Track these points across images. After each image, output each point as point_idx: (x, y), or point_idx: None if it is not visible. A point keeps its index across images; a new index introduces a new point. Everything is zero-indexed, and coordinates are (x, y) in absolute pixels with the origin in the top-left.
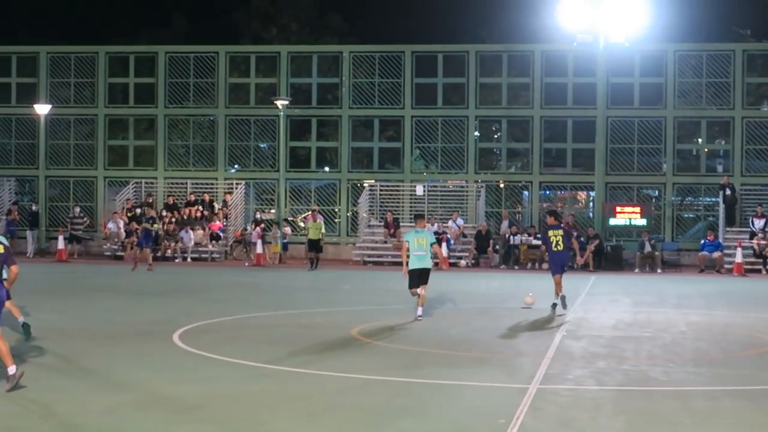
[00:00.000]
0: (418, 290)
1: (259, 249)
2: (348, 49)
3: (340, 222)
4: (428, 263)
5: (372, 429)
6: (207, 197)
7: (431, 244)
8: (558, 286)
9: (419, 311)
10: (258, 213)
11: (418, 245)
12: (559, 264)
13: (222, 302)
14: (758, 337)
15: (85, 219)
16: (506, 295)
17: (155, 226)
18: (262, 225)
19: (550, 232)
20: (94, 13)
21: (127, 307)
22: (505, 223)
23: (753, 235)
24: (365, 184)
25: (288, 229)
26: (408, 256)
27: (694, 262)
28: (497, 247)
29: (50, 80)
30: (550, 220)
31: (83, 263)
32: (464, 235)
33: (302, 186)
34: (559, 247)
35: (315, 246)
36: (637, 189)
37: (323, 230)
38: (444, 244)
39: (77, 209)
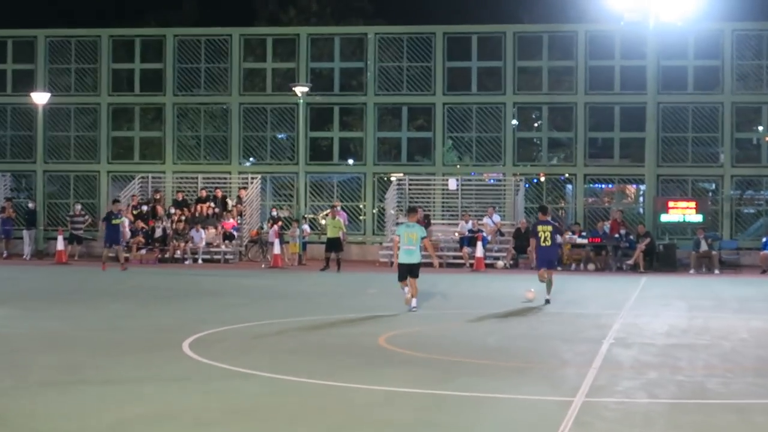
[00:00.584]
0: (407, 285)
1: (276, 249)
2: (373, 30)
3: (365, 220)
4: (417, 258)
5: None
6: (219, 193)
7: (421, 239)
8: (543, 278)
9: (414, 303)
10: (275, 210)
11: (408, 239)
12: (546, 259)
13: (236, 307)
14: None
15: (87, 217)
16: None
17: (117, 221)
18: (280, 223)
19: (540, 228)
20: None
21: (134, 314)
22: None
23: None
24: (393, 178)
25: (307, 228)
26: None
27: (755, 262)
28: None
29: (49, 66)
30: (540, 216)
31: (85, 265)
32: (501, 234)
33: (323, 180)
34: (547, 242)
35: (333, 245)
36: (692, 182)
37: (344, 228)
38: (479, 244)
39: (78, 207)
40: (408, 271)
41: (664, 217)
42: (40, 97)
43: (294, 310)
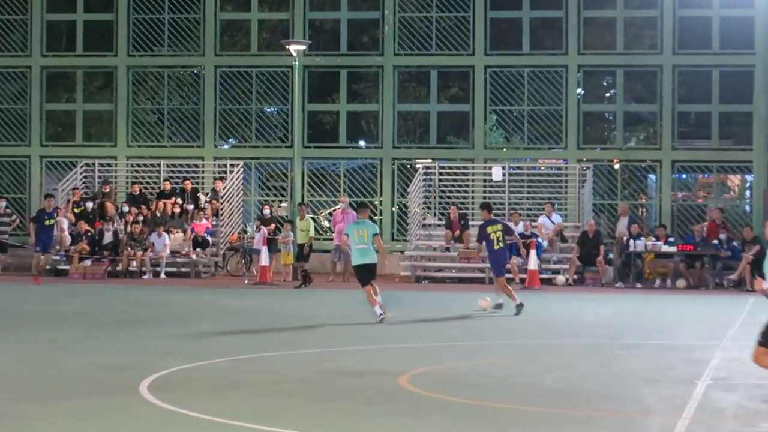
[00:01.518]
0: (375, 294)
1: (263, 260)
2: None
3: (381, 221)
4: (372, 258)
5: None
6: (189, 185)
7: (373, 236)
8: (505, 288)
9: (378, 311)
10: (267, 208)
11: (359, 238)
12: (502, 264)
13: (211, 337)
14: None
15: (14, 217)
16: (625, 325)
17: (50, 222)
18: (273, 226)
19: (489, 229)
20: None
21: (77, 345)
22: (622, 222)
23: None
24: (418, 166)
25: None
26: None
27: None
28: (611, 255)
29: None
30: (485, 215)
31: (13, 280)
32: (563, 239)
33: (327, 169)
34: (500, 244)
35: (366, 270)
36: None
37: (311, 231)
38: (533, 253)
39: (2, 203)
40: (367, 272)
41: None
42: None
43: (287, 339)
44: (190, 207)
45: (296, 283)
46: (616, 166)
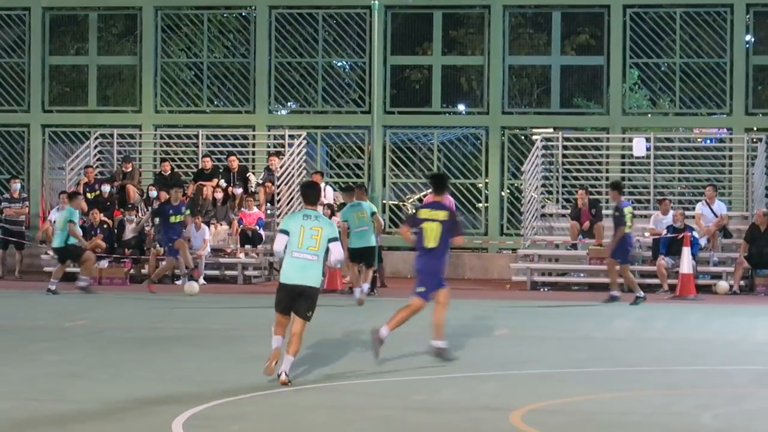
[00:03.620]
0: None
1: (334, 260)
2: None
3: (486, 209)
4: (372, 240)
5: None
6: (235, 163)
7: (372, 215)
8: (436, 318)
9: (360, 290)
10: (334, 193)
11: (359, 220)
12: (431, 272)
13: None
14: None
15: (27, 204)
16: None
17: (176, 218)
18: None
19: (423, 213)
20: None
21: (89, 371)
22: None
23: None
24: (536, 137)
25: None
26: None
27: None
28: None
29: None
30: (431, 196)
31: (23, 286)
32: (726, 233)
33: (416, 140)
34: (431, 243)
35: (363, 254)
36: None
37: (381, 220)
38: (686, 251)
39: (16, 185)
40: (360, 256)
41: None
42: None
43: (363, 363)
44: (238, 191)
45: (376, 290)
46: None
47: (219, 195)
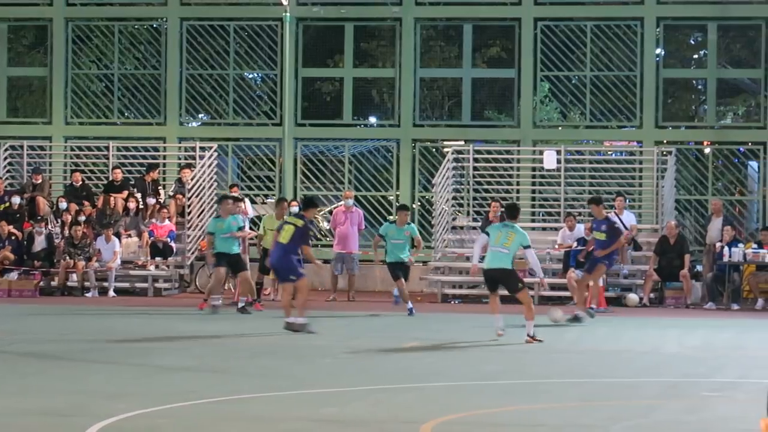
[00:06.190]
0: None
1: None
2: None
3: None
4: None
5: None
6: (151, 175)
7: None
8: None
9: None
10: (244, 203)
11: (397, 234)
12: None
13: (173, 373)
14: None
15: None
16: (717, 359)
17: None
18: (251, 234)
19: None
20: None
21: (2, 385)
22: (714, 224)
23: None
24: (447, 150)
25: None
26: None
27: None
28: (699, 268)
29: None
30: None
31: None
32: (636, 246)
33: (327, 153)
34: (282, 239)
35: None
36: None
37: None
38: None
39: (15, 200)
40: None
41: None
42: None
43: (274, 376)
44: (150, 202)
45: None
46: (707, 151)
47: (131, 206)
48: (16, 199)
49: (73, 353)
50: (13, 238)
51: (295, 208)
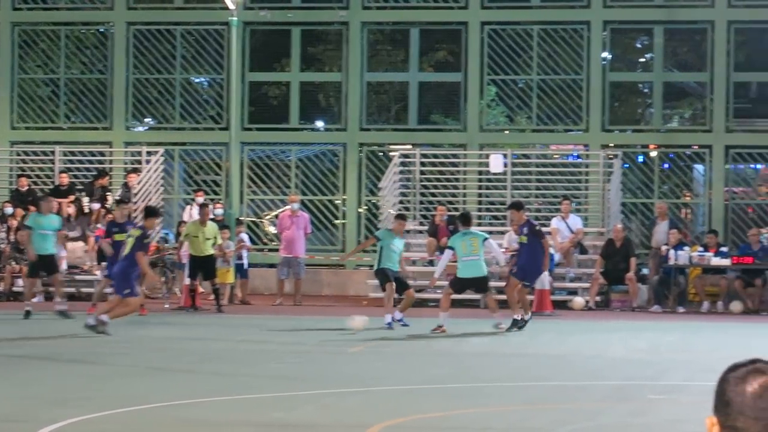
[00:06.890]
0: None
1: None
2: None
3: (344, 226)
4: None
5: None
6: (101, 181)
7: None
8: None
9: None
10: (190, 208)
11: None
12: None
13: (120, 378)
14: None
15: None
16: (663, 362)
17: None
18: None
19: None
20: None
21: None
22: (661, 226)
23: None
24: (393, 154)
25: (246, 240)
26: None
27: None
28: (645, 271)
29: None
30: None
31: None
32: (582, 249)
33: (273, 157)
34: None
35: (204, 266)
36: None
37: (218, 239)
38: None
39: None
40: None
41: None
42: None
43: (221, 381)
44: (95, 206)
45: (237, 307)
46: (653, 154)
47: (74, 211)
48: None
49: (20, 358)
50: None
51: (219, 211)
